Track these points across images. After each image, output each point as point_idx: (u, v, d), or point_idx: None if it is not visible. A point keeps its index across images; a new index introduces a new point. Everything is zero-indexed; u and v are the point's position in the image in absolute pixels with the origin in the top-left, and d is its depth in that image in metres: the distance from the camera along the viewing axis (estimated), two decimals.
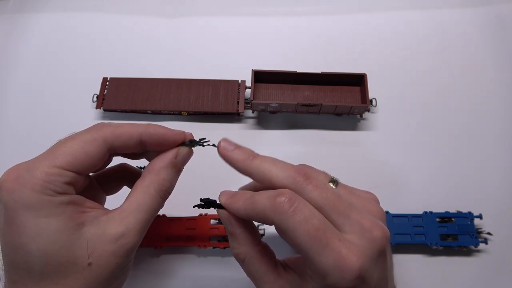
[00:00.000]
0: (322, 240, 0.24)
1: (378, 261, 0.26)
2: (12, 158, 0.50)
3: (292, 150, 0.49)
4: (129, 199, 0.28)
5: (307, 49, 0.57)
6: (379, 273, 0.26)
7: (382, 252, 0.26)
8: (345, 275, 0.24)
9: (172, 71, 0.54)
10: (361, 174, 0.48)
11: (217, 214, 0.30)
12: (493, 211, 0.45)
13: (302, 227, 0.24)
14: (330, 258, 0.24)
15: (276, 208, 0.25)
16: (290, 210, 0.25)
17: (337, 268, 0.24)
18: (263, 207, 0.26)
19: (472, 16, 0.59)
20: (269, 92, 0.52)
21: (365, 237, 0.26)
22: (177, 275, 0.43)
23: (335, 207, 0.26)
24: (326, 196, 0.26)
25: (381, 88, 0.52)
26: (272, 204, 0.25)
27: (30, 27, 0.59)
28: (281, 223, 0.25)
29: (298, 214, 0.25)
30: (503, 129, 0.51)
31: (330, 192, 0.27)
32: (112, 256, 0.26)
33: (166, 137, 0.29)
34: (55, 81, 0.55)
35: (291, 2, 0.61)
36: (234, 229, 0.30)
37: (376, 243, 0.26)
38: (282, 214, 0.25)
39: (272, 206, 0.25)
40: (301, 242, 0.25)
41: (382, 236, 0.26)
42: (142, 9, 0.60)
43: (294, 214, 0.25)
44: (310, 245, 0.24)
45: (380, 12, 0.60)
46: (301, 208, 0.25)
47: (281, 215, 0.25)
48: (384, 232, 0.27)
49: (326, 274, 0.25)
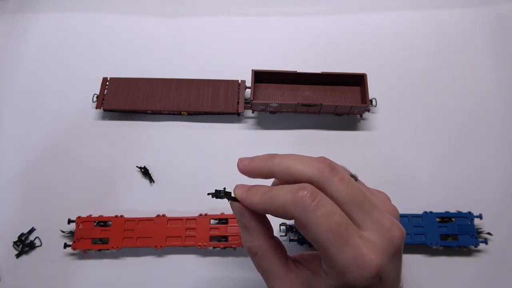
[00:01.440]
0: (343, 236, 0.24)
1: (394, 260, 0.26)
2: (13, 158, 0.50)
3: (292, 150, 0.49)
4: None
5: (307, 49, 0.57)
6: (394, 272, 0.27)
7: (398, 251, 0.27)
8: (364, 272, 0.24)
9: (172, 71, 0.54)
10: (361, 174, 0.47)
11: (229, 207, 0.30)
12: (493, 211, 0.45)
13: (324, 222, 0.24)
14: (350, 255, 0.24)
15: (298, 202, 0.25)
16: (312, 204, 0.24)
17: (356, 265, 0.24)
18: (284, 201, 0.25)
19: (472, 16, 0.59)
20: (269, 92, 0.52)
21: (384, 236, 0.26)
22: (177, 275, 0.43)
23: (360, 203, 0.26)
24: (352, 191, 0.26)
25: (381, 88, 0.52)
26: (294, 198, 0.25)
27: (30, 27, 0.59)
28: (303, 218, 0.25)
29: (320, 209, 0.24)
30: (503, 129, 0.51)
31: (355, 188, 0.26)
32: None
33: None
34: (55, 81, 0.55)
35: (291, 2, 0.61)
36: (247, 222, 0.29)
37: (394, 242, 0.26)
38: (304, 208, 0.25)
39: (293, 200, 0.25)
40: (322, 237, 0.24)
41: (400, 235, 0.26)
42: (142, 9, 0.60)
43: (316, 208, 0.24)
44: (330, 240, 0.24)
45: (380, 12, 0.60)
46: (323, 203, 0.25)
47: (303, 209, 0.25)
48: (402, 232, 0.27)
49: (345, 271, 0.25)
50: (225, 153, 0.49)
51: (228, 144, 0.51)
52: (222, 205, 0.42)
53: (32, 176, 0.49)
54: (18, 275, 0.43)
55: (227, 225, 0.43)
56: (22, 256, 0.44)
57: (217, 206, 0.44)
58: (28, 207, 0.47)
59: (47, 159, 0.50)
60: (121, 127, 0.52)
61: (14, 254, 0.44)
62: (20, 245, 0.44)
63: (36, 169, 0.49)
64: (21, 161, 0.50)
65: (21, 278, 0.43)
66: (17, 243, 0.44)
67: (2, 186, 0.48)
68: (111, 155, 0.49)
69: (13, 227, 0.45)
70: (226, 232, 0.43)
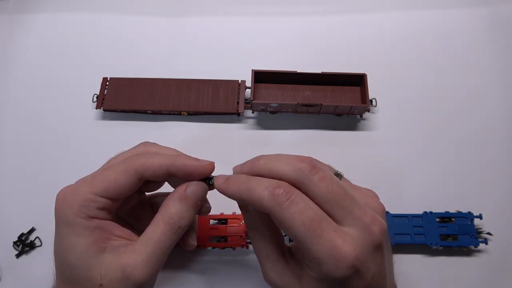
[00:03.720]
0: (316, 231, 0.26)
1: (374, 255, 0.27)
2: (13, 158, 0.50)
3: (292, 150, 0.49)
4: (144, 232, 0.30)
5: (307, 49, 0.57)
6: (375, 267, 0.27)
7: (378, 247, 0.27)
8: (340, 264, 0.25)
9: (172, 71, 0.54)
10: (361, 174, 0.47)
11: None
12: (493, 211, 0.45)
13: (298, 218, 0.26)
14: (325, 247, 0.25)
15: (274, 200, 0.26)
16: (287, 202, 0.26)
17: (332, 257, 0.25)
18: (261, 196, 0.27)
19: (472, 16, 0.59)
20: (269, 92, 0.52)
21: (363, 231, 0.27)
22: (176, 275, 0.43)
23: (341, 201, 0.27)
24: (332, 189, 0.27)
25: (381, 88, 0.52)
26: (270, 195, 0.26)
27: (30, 27, 0.59)
28: (278, 214, 0.26)
29: (294, 206, 0.26)
30: (503, 128, 0.51)
31: (336, 185, 0.27)
32: (119, 284, 0.28)
33: (192, 170, 0.30)
34: (55, 81, 0.55)
35: (291, 2, 0.61)
36: (247, 206, 0.31)
37: (372, 237, 0.27)
38: (279, 205, 0.26)
39: (269, 197, 0.26)
40: (297, 232, 0.26)
41: (379, 230, 0.27)
42: (142, 9, 0.60)
43: (290, 205, 0.26)
44: (305, 235, 0.26)
45: (380, 12, 0.60)
46: (297, 201, 0.26)
47: (278, 206, 0.26)
48: (382, 226, 0.27)
49: (321, 262, 0.26)
50: (225, 153, 0.49)
51: (228, 144, 0.51)
52: (222, 205, 0.42)
53: (32, 176, 0.49)
54: (18, 275, 0.43)
55: (226, 225, 0.43)
56: (22, 256, 0.44)
57: (217, 206, 0.44)
58: (28, 207, 0.47)
59: (47, 159, 0.50)
60: (121, 127, 0.52)
61: (14, 254, 0.44)
62: (20, 245, 0.44)
63: (36, 169, 0.49)
64: (21, 161, 0.50)
65: (21, 278, 0.43)
66: (17, 243, 0.44)
67: (2, 186, 0.48)
68: (111, 155, 0.49)
69: (13, 227, 0.45)
70: (226, 233, 0.43)
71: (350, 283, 0.26)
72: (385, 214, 0.31)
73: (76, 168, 0.49)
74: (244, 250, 0.44)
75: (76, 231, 0.28)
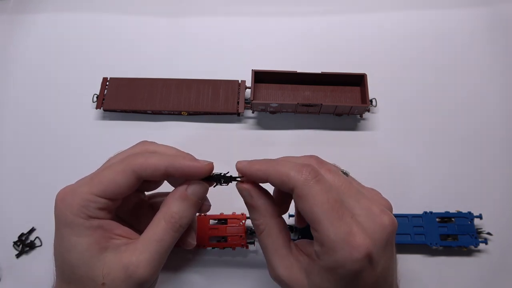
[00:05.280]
0: (338, 212, 0.26)
1: (385, 248, 0.27)
2: (13, 158, 0.50)
3: (292, 150, 0.49)
4: (145, 231, 0.30)
5: (307, 49, 0.57)
6: (385, 261, 0.27)
7: (389, 240, 0.27)
8: (353, 251, 0.25)
9: (172, 71, 0.54)
10: (361, 174, 0.47)
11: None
12: (493, 211, 0.45)
13: (323, 196, 0.26)
14: (343, 230, 0.26)
15: (301, 174, 0.27)
16: (313, 179, 0.27)
17: (347, 243, 0.25)
18: (288, 172, 0.27)
19: (472, 16, 0.59)
20: (269, 92, 0.52)
21: (374, 221, 0.27)
22: (176, 275, 0.43)
23: (348, 191, 0.28)
24: (339, 180, 0.28)
25: (381, 88, 0.52)
26: (298, 171, 0.27)
27: (30, 27, 0.59)
28: (303, 189, 0.27)
29: (320, 185, 0.27)
30: (503, 128, 0.51)
31: (342, 178, 0.28)
32: (122, 283, 0.28)
33: (191, 171, 0.30)
34: (55, 81, 0.55)
35: (291, 2, 0.61)
36: (254, 202, 0.30)
37: (384, 229, 0.27)
38: (305, 180, 0.27)
39: (297, 173, 0.27)
40: (318, 209, 0.26)
41: (391, 222, 0.27)
42: (142, 9, 0.60)
43: (316, 183, 0.27)
44: (326, 213, 0.26)
45: (380, 12, 0.60)
46: (323, 181, 0.27)
47: (305, 181, 0.27)
48: (393, 220, 0.28)
49: (335, 247, 0.26)
50: (225, 153, 0.49)
51: (228, 144, 0.51)
52: (222, 205, 0.42)
53: (32, 176, 0.49)
54: (18, 275, 0.43)
55: (226, 225, 0.43)
56: (22, 256, 0.44)
57: (217, 206, 0.44)
58: (28, 207, 0.47)
59: (47, 159, 0.50)
60: (121, 127, 0.52)
61: (14, 254, 0.44)
62: (20, 245, 0.44)
63: (36, 169, 0.49)
64: (21, 161, 0.50)
65: (21, 278, 0.43)
66: (17, 243, 0.44)
67: (2, 186, 0.48)
68: (111, 155, 0.49)
69: (13, 227, 0.45)
70: (226, 233, 0.43)
71: (360, 274, 0.26)
72: (392, 209, 0.31)
73: (76, 168, 0.49)
74: (244, 250, 0.44)
75: (77, 231, 0.28)
